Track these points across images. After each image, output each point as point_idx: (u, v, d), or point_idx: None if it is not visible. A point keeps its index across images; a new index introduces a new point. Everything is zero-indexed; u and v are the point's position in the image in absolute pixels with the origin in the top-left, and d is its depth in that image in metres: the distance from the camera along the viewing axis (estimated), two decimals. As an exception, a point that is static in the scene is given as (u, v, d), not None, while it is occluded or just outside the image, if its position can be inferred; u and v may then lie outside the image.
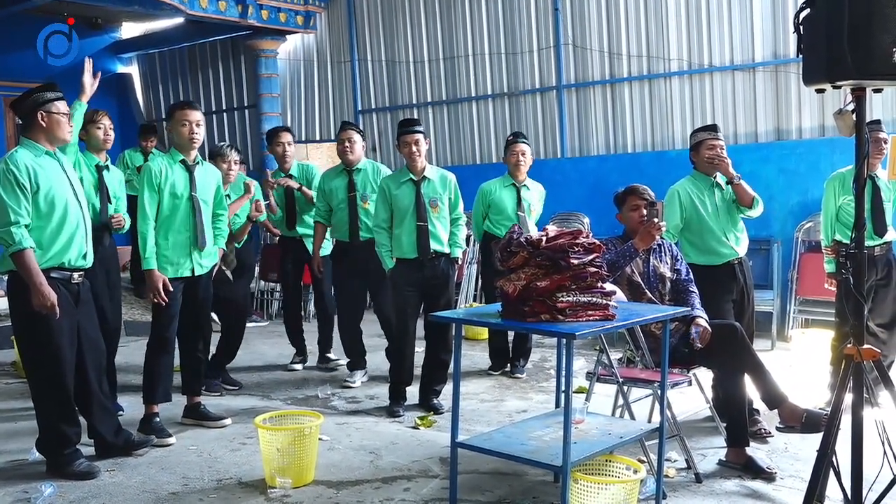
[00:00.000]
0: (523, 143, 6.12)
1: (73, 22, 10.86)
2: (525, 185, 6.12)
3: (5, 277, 4.09)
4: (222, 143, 6.08)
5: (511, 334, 6.31)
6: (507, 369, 6.28)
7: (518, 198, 6.06)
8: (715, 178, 4.83)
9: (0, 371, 6.62)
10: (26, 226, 3.92)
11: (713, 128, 4.88)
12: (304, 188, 6.37)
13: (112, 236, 5.16)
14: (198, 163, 4.83)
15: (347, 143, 5.89)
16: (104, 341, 4.51)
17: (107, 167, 5.17)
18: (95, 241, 4.77)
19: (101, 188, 5.07)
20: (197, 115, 4.80)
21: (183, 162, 4.76)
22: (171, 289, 4.65)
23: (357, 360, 6.10)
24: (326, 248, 6.36)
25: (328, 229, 6.15)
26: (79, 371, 4.19)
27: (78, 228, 4.15)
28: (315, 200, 6.23)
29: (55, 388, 4.09)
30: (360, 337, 6.09)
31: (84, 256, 4.20)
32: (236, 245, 6.05)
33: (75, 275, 4.16)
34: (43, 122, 4.07)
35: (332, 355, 6.59)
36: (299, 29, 10.48)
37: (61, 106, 4.14)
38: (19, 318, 4.09)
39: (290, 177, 6.44)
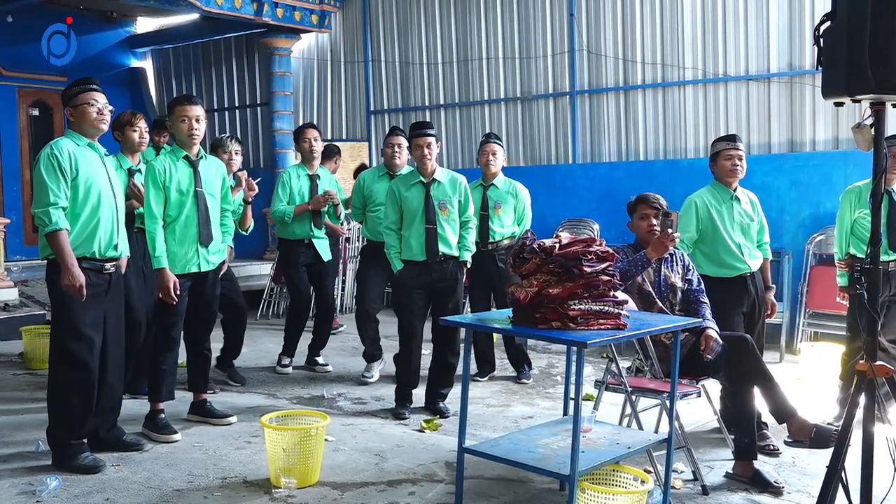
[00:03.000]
0: (494, 143, 6.16)
1: (71, 21, 10.95)
2: (493, 185, 6.11)
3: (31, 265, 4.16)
4: (223, 135, 6.07)
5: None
6: (494, 374, 6.27)
7: (484, 197, 6.07)
8: (735, 189, 4.81)
9: (8, 363, 6.64)
10: (63, 208, 4.03)
11: (731, 138, 4.84)
12: (340, 206, 6.34)
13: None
14: (201, 157, 4.82)
15: (397, 148, 6.00)
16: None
17: (139, 170, 5.23)
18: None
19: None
20: (197, 111, 4.75)
21: (186, 158, 4.75)
22: (179, 290, 4.65)
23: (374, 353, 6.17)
24: (325, 249, 6.36)
25: (360, 227, 6.15)
26: (99, 364, 4.22)
27: (110, 218, 4.21)
28: (352, 197, 6.32)
29: (81, 370, 4.12)
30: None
31: (115, 247, 4.24)
32: (244, 233, 6.02)
33: (107, 264, 4.20)
34: (72, 118, 4.20)
35: (320, 359, 6.50)
36: (314, 28, 10.48)
37: (85, 96, 4.17)
38: (54, 302, 4.20)
39: (317, 177, 6.32)
